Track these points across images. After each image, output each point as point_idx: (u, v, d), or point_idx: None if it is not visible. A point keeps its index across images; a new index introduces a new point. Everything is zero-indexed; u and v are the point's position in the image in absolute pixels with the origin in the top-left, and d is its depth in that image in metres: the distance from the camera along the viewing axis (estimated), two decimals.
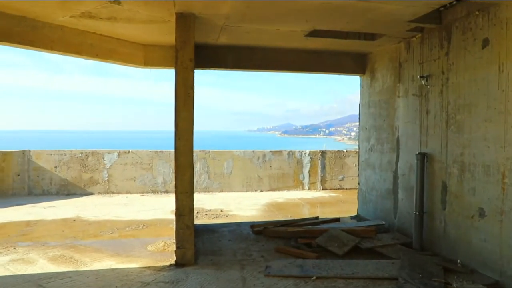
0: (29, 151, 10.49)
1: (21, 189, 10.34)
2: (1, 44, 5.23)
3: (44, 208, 8.79)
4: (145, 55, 6.96)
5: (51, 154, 10.54)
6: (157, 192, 10.90)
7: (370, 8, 4.86)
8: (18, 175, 10.32)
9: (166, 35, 6.23)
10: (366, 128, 7.67)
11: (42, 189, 10.47)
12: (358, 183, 8.02)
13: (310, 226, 6.66)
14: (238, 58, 7.24)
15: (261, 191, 11.42)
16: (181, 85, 5.01)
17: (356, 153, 11.77)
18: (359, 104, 8.00)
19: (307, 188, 11.75)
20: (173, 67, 5.26)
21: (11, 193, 10.22)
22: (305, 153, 11.87)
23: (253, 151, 11.65)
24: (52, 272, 4.83)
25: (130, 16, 5.33)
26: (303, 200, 10.12)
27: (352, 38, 6.24)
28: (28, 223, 7.39)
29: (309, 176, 11.80)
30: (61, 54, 5.99)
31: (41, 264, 5.15)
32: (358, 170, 8.05)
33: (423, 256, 5.21)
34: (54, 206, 8.96)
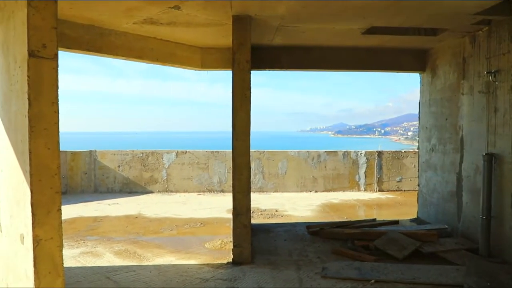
0: (95, 151, 11.17)
1: (88, 186, 11.02)
2: (72, 52, 5.61)
3: (109, 205, 9.31)
4: (202, 58, 7.16)
5: (114, 154, 11.14)
6: (213, 192, 11.15)
7: (432, 2, 4.66)
8: (86, 173, 11.01)
9: (223, 37, 6.38)
10: (426, 128, 7.37)
11: (107, 187, 11.09)
12: (418, 185, 7.72)
13: (367, 228, 6.50)
14: (292, 58, 7.24)
15: (316, 191, 11.32)
16: (238, 86, 5.10)
17: (415, 153, 11.34)
18: (419, 103, 7.69)
19: (363, 189, 11.49)
20: (229, 69, 5.37)
21: (79, 190, 10.93)
22: (361, 154, 11.61)
23: (307, 151, 11.59)
24: (118, 266, 5.11)
25: (188, 20, 5.51)
26: (359, 202, 9.91)
27: (411, 34, 6.02)
28: (95, 219, 7.87)
29: (365, 177, 11.53)
30: (125, 59, 6.31)
31: (107, 257, 5.47)
32: (418, 171, 7.75)
33: (492, 264, 4.92)
34: (117, 203, 9.46)
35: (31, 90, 3.03)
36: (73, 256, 5.44)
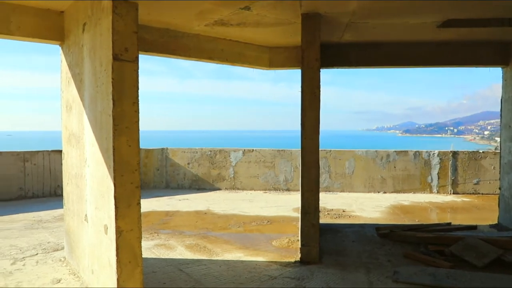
0: (167, 149, 11.71)
1: (160, 182, 11.59)
2: (149, 54, 5.92)
3: (179, 200, 9.71)
4: (270, 57, 7.22)
5: (184, 152, 11.60)
6: (279, 190, 11.20)
7: None
8: (158, 170, 11.59)
9: (291, 36, 6.37)
10: (510, 126, 6.81)
11: (177, 183, 11.58)
12: (499, 188, 7.16)
13: (442, 233, 6.16)
14: (361, 55, 7.05)
15: (384, 192, 10.94)
16: (308, 85, 5.07)
17: (495, 154, 10.54)
18: (501, 99, 7.13)
19: (436, 191, 10.90)
20: (298, 67, 5.35)
21: (152, 186, 11.52)
22: (433, 154, 11.02)
23: (376, 150, 11.23)
24: (189, 259, 5.32)
25: (258, 21, 5.58)
26: (431, 204, 9.41)
27: (493, 26, 5.59)
28: (167, 213, 8.25)
29: (438, 178, 10.92)
30: (196, 60, 6.54)
31: (179, 250, 5.71)
32: (500, 173, 7.19)
33: None
34: (187, 199, 9.84)
35: (115, 91, 3.24)
36: (148, 247, 5.74)
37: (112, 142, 3.23)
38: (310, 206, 5.10)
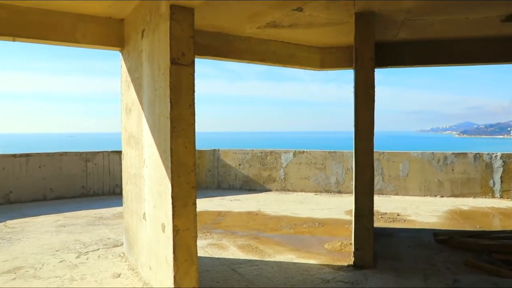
0: (218, 150, 11.93)
1: (212, 183, 11.83)
2: (203, 58, 6.07)
3: (231, 201, 9.86)
4: (322, 58, 7.14)
5: (235, 153, 11.76)
6: (330, 192, 11.05)
7: None
8: (210, 170, 11.83)
9: (343, 36, 6.28)
10: None
11: (228, 184, 11.77)
12: None
13: (507, 241, 5.79)
14: (417, 54, 6.79)
15: (441, 196, 10.46)
16: (362, 85, 4.97)
17: None
18: None
19: (498, 196, 10.25)
20: (350, 68, 5.25)
21: (204, 186, 11.78)
22: (495, 156, 10.38)
23: (432, 152, 10.77)
24: (242, 259, 5.38)
25: (310, 21, 5.55)
26: (494, 210, 8.87)
27: None
28: (219, 213, 8.40)
29: (501, 182, 10.27)
30: (248, 63, 6.61)
31: (232, 250, 5.79)
32: None
33: None
34: (239, 200, 9.96)
35: (172, 94, 3.36)
36: (202, 246, 5.88)
37: (169, 143, 3.34)
38: (364, 209, 4.99)
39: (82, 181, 10.19)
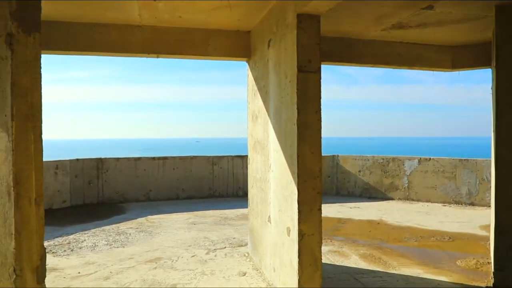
0: (337, 156, 11.78)
1: (331, 189, 11.72)
2: (324, 64, 6.07)
3: (350, 208, 9.64)
4: (453, 57, 6.59)
5: (355, 159, 11.48)
6: (460, 204, 10.08)
7: None
8: (329, 176, 11.74)
9: (478, 32, 5.72)
10: None
11: (347, 190, 11.53)
12: None
13: None
14: None
15: None
16: (504, 85, 4.45)
17: None
18: None
19: None
20: (486, 67, 4.74)
21: (322, 192, 11.73)
22: None
23: None
24: (364, 269, 5.22)
25: (440, 19, 5.17)
26: None
27: None
28: (339, 220, 8.29)
29: None
30: (371, 67, 6.42)
31: (353, 259, 5.66)
32: None
33: None
34: (358, 207, 9.70)
35: (299, 101, 3.44)
36: (323, 253, 5.81)
37: (296, 149, 3.42)
38: (506, 225, 4.45)
39: (209, 183, 10.99)
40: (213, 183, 11.03)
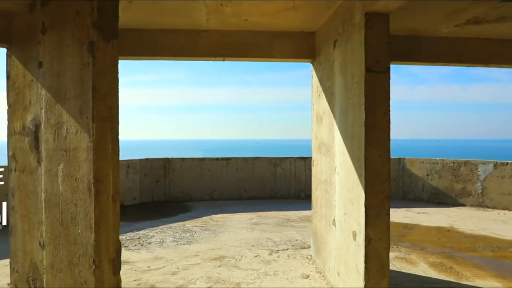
0: (404, 159, 11.32)
1: (396, 193, 11.28)
2: (391, 64, 5.86)
3: (418, 213, 9.21)
4: None
5: (423, 163, 10.95)
6: None
7: None
8: (394, 180, 11.31)
9: None
10: None
11: (414, 195, 11.03)
12: None
13: None
14: None
15: None
16: None
17: None
18: None
19: None
20: None
21: None
22: None
23: None
24: (434, 278, 4.97)
25: None
26: None
27: None
28: (405, 226, 7.95)
29: None
30: (443, 65, 6.09)
31: (422, 267, 5.40)
32: None
33: None
34: (426, 213, 9.24)
35: (367, 102, 3.35)
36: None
37: (363, 151, 3.34)
38: None
39: (271, 184, 11.05)
40: (275, 184, 11.07)
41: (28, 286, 4.22)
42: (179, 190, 10.68)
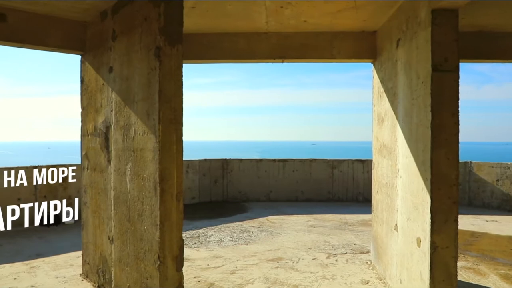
0: (471, 162, 10.67)
1: (462, 199, 10.65)
2: (463, 62, 5.54)
3: (486, 221, 8.64)
4: None
5: (492, 167, 10.26)
6: None
7: None
8: (460, 184, 10.69)
9: None
10: None
11: (482, 201, 10.36)
12: None
13: None
14: None
15: None
16: None
17: None
18: None
19: None
20: None
21: None
22: None
23: None
24: None
25: None
26: None
27: None
28: (472, 234, 7.49)
29: None
30: None
31: (492, 279, 5.06)
32: None
33: None
34: (496, 221, 8.64)
35: (433, 103, 3.21)
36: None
37: (429, 154, 3.20)
38: None
39: (328, 186, 10.89)
40: (332, 186, 10.90)
41: (98, 277, 4.50)
42: (236, 191, 10.84)
